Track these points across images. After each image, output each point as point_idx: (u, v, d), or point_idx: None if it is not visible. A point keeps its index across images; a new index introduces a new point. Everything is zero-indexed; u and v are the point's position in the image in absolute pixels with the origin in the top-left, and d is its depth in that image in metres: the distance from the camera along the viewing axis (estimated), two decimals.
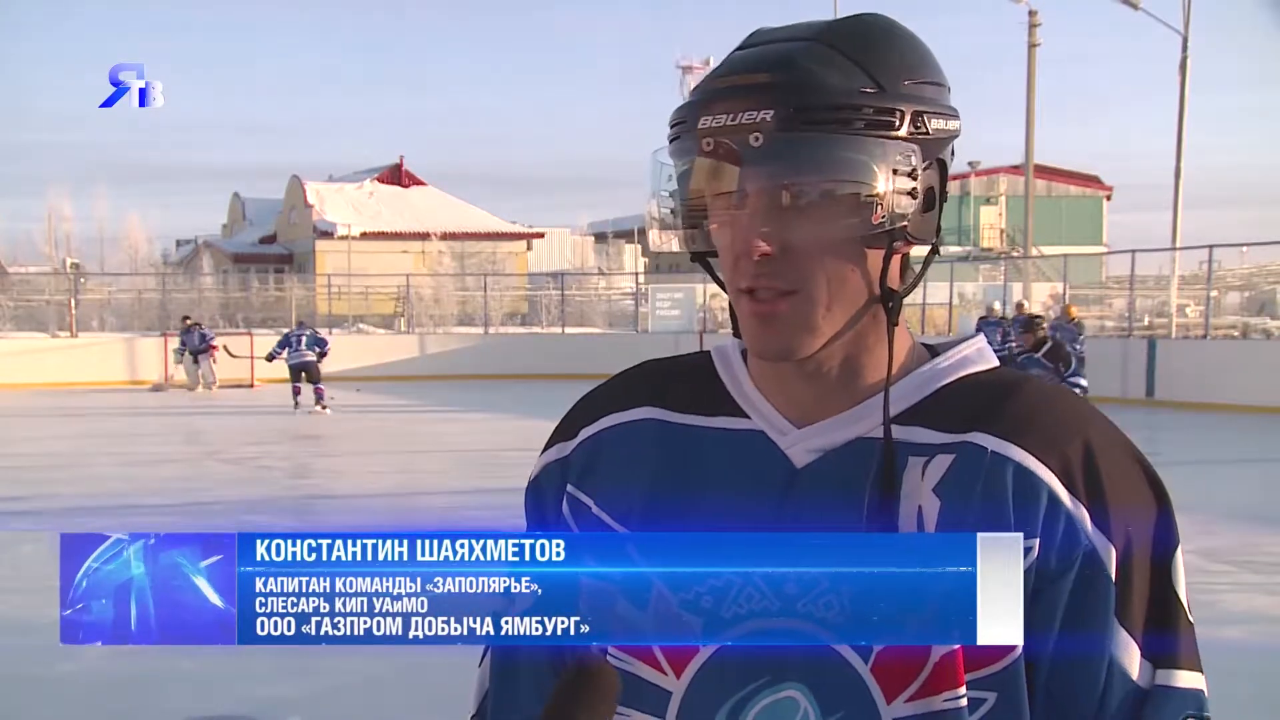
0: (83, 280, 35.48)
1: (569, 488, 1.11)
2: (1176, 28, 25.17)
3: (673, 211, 1.04)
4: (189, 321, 25.57)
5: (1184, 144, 25.09)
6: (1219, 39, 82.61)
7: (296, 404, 19.56)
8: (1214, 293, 27.71)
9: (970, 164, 49.82)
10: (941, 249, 1.08)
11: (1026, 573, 0.96)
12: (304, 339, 20.29)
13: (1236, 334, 27.43)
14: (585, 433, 1.12)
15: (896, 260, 1.02)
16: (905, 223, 0.98)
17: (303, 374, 19.89)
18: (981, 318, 20.16)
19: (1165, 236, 25.90)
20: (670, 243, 1.05)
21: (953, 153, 1.04)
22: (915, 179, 0.98)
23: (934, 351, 1.08)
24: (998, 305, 21.10)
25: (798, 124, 0.94)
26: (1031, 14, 30.70)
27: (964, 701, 0.97)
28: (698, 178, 1.00)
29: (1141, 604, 0.99)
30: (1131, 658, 0.99)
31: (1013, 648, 0.97)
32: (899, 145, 0.97)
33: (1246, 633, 6.20)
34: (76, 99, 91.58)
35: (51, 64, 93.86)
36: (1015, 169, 43.14)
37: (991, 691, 0.98)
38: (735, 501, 1.03)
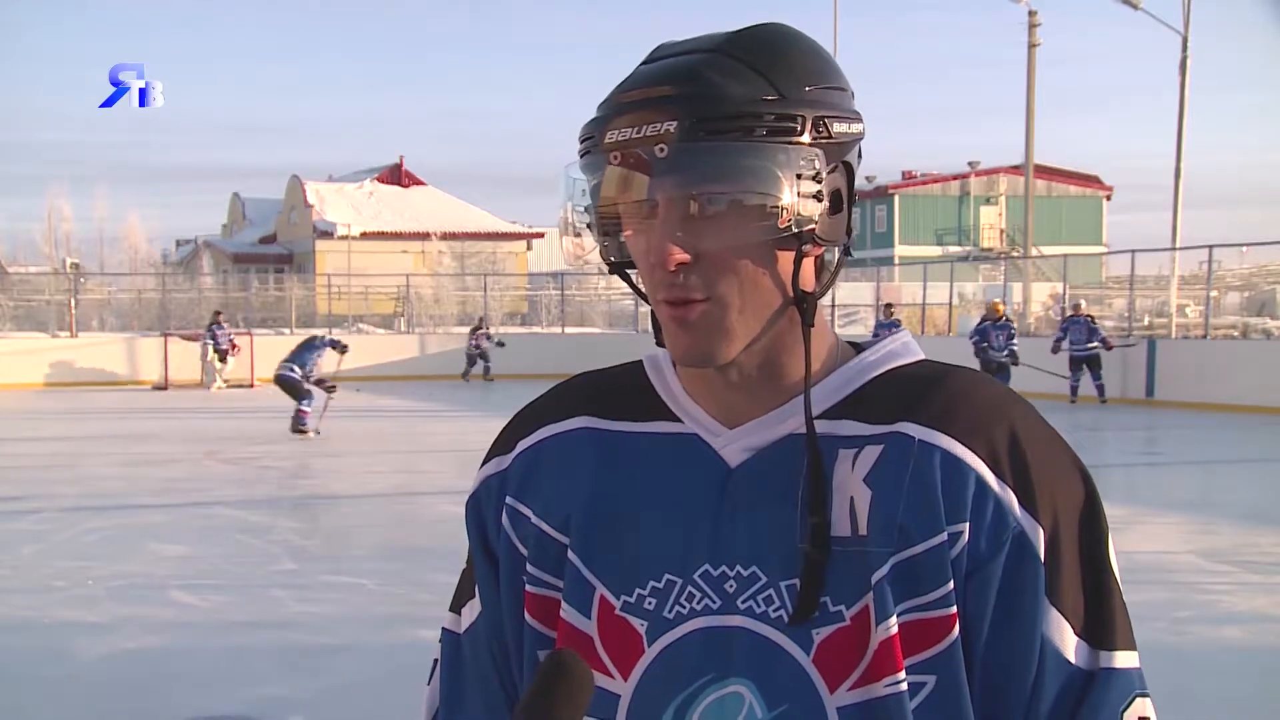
0: (83, 280, 35.48)
1: (508, 499, 1.13)
2: (1176, 28, 25.20)
3: (588, 225, 1.06)
4: (220, 317, 25.61)
5: (1184, 144, 25.11)
6: (1219, 39, 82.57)
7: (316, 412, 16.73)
8: (1214, 293, 27.73)
9: (970, 164, 49.91)
10: (853, 251, 1.10)
11: (959, 557, 0.99)
12: (294, 352, 17.63)
13: (1236, 334, 27.44)
14: (522, 445, 1.14)
15: (810, 262, 1.04)
16: (813, 226, 1.00)
17: (290, 393, 17.27)
18: (984, 317, 20.14)
19: (1165, 236, 25.92)
20: (586, 254, 1.08)
21: (859, 155, 1.06)
22: (820, 182, 0.99)
23: (859, 349, 1.11)
24: (999, 302, 21.06)
25: (700, 134, 0.96)
26: (1031, 14, 30.72)
27: (904, 686, 0.99)
28: (609, 188, 1.01)
29: (1074, 585, 1.02)
30: (1064, 637, 1.01)
31: (950, 631, 1.00)
32: (802, 150, 0.98)
33: (1246, 633, 6.20)
34: (76, 99, 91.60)
35: (51, 63, 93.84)
36: (1015, 169, 43.17)
37: (930, 674, 1.00)
38: (672, 503, 1.05)
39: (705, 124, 0.96)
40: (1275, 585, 7.40)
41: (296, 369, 16.64)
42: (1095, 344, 19.47)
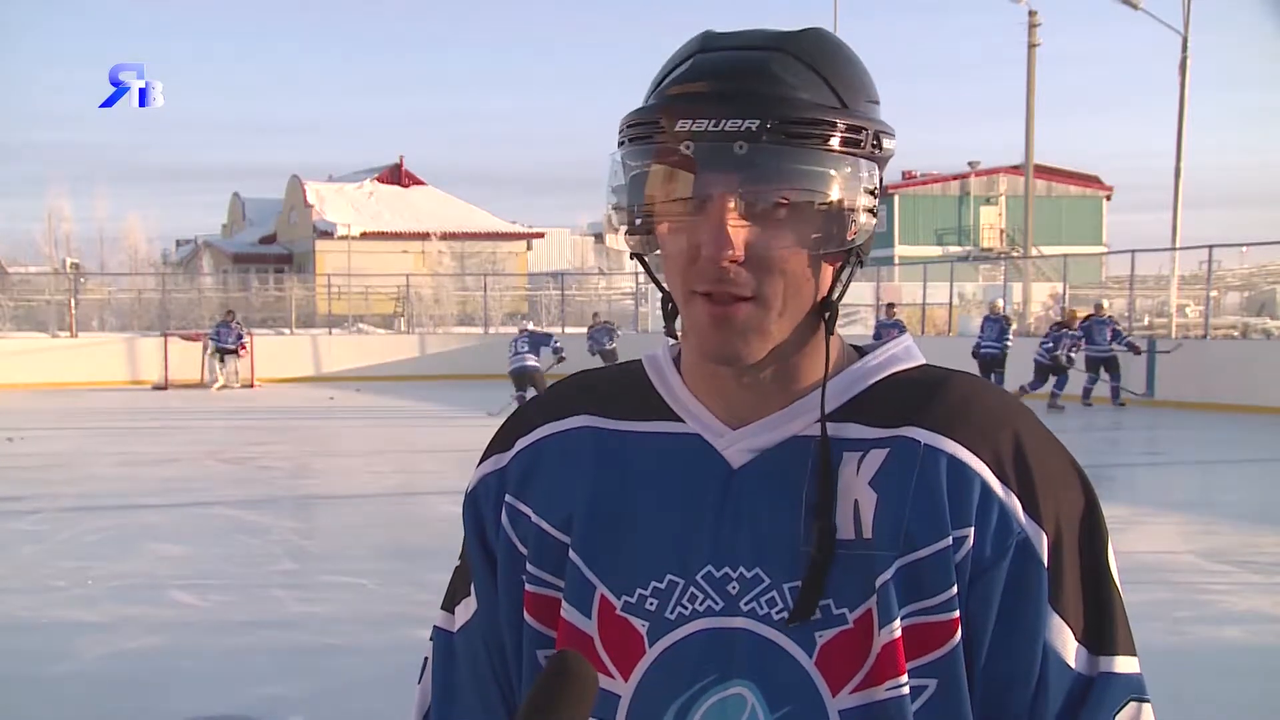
0: (83, 280, 35.49)
1: (507, 498, 1.12)
2: (1176, 28, 25.20)
3: (617, 207, 1.05)
4: (231, 316, 25.53)
5: (1184, 144, 25.12)
6: (1219, 39, 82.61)
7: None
8: (1214, 293, 27.72)
9: (970, 164, 49.88)
10: (866, 259, 1.10)
11: (962, 562, 1.00)
12: (520, 341, 16.84)
13: (1236, 334, 27.44)
14: (521, 443, 1.14)
15: (831, 270, 1.04)
16: (867, 236, 1.02)
17: (527, 383, 16.26)
18: (986, 316, 20.12)
19: (1165, 236, 25.92)
20: (619, 241, 1.07)
21: None
22: (876, 197, 1.01)
23: (862, 352, 1.11)
24: (999, 303, 21.08)
25: (782, 135, 0.96)
26: (1031, 14, 30.74)
27: (906, 690, 0.99)
28: (653, 183, 1.00)
29: (1075, 590, 1.02)
30: (1066, 643, 1.01)
31: (952, 635, 1.00)
32: (865, 163, 1.00)
33: (1246, 633, 6.20)
34: (76, 99, 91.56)
35: (52, 63, 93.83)
36: (1015, 169, 43.16)
37: (932, 678, 1.00)
38: (675, 504, 1.05)
39: (787, 126, 0.96)
40: (1275, 585, 7.40)
41: (535, 359, 16.44)
42: (1117, 346, 19.27)
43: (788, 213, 0.98)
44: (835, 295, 1.05)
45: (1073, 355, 18.50)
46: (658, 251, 1.05)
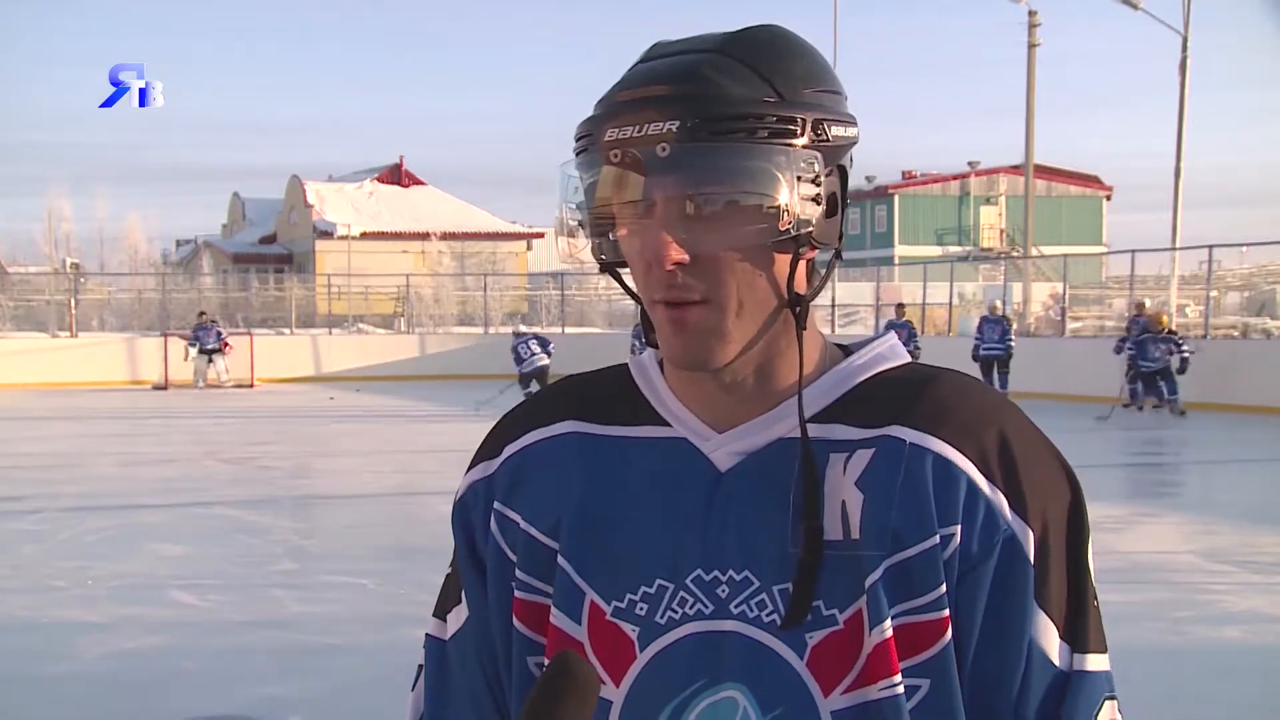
0: (83, 280, 35.50)
1: (495, 505, 1.12)
2: (1176, 28, 25.20)
3: (580, 223, 1.05)
4: (205, 317, 25.64)
5: (1184, 144, 25.11)
6: (1219, 39, 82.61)
7: None
8: (1214, 293, 27.72)
9: (970, 164, 49.91)
10: (844, 254, 1.09)
11: (950, 559, 0.99)
12: (532, 343, 18.93)
13: (1236, 334, 27.44)
14: (509, 450, 1.13)
15: (802, 265, 1.03)
16: (810, 228, 1.00)
17: (534, 381, 18.11)
18: (985, 317, 20.11)
19: (1165, 236, 25.92)
20: (579, 252, 1.07)
21: (851, 160, 1.05)
22: (819, 185, 0.99)
23: (847, 351, 1.11)
24: (999, 303, 21.11)
25: (703, 134, 0.95)
26: (1031, 14, 30.74)
27: (900, 689, 0.99)
28: (604, 187, 1.01)
29: (1059, 587, 1.02)
30: (1050, 639, 1.01)
31: (943, 633, 1.00)
32: (802, 153, 0.98)
33: (1246, 633, 6.20)
34: (76, 99, 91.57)
35: (51, 63, 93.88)
36: (1015, 169, 43.17)
37: (925, 678, 1.00)
38: (662, 508, 1.05)
39: (708, 124, 0.95)
40: (1275, 585, 7.39)
41: (547, 360, 18.24)
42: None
43: (725, 210, 0.97)
44: (807, 292, 1.04)
45: (1185, 355, 17.95)
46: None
